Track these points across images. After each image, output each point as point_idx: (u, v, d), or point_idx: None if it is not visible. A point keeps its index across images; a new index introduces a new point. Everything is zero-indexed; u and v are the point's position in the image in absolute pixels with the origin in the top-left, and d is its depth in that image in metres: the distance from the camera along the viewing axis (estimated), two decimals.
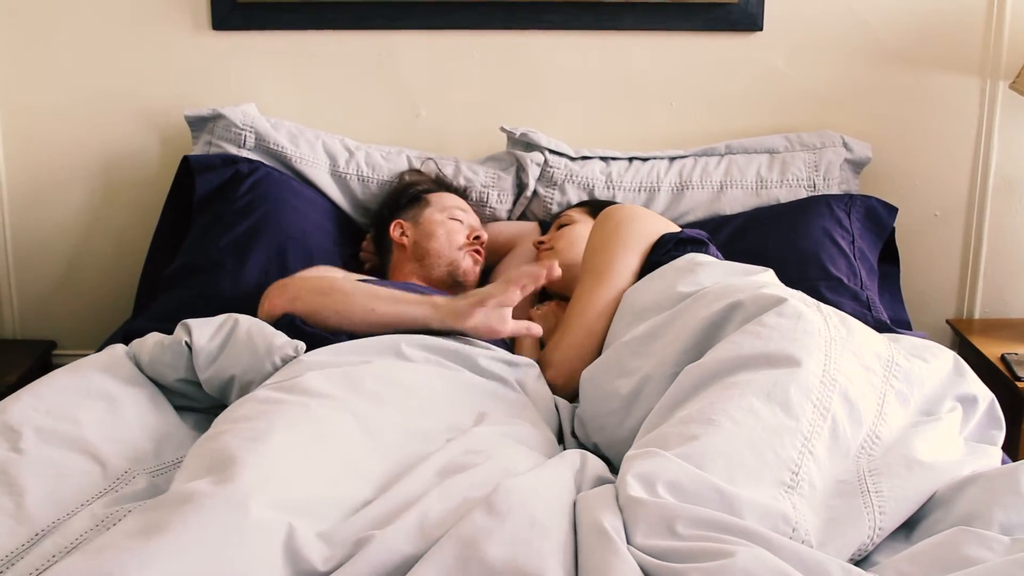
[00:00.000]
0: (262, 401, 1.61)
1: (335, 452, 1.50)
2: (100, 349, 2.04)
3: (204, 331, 1.91)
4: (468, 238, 2.37)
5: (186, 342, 1.89)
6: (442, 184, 2.52)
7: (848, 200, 2.54)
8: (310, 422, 1.54)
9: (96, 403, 1.79)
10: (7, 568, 1.35)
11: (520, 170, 2.59)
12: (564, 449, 1.86)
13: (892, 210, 2.55)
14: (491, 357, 1.94)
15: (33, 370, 2.59)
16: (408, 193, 2.47)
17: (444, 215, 2.39)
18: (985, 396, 1.76)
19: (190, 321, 1.94)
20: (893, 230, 2.57)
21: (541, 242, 2.39)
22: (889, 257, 2.61)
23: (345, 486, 1.44)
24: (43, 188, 2.78)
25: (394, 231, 2.40)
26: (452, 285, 2.33)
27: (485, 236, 2.42)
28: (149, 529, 1.22)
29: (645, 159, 2.65)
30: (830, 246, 2.44)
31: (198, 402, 1.94)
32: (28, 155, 2.76)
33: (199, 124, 2.61)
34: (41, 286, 2.84)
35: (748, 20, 2.68)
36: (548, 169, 2.58)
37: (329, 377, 1.70)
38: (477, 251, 2.38)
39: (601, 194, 2.58)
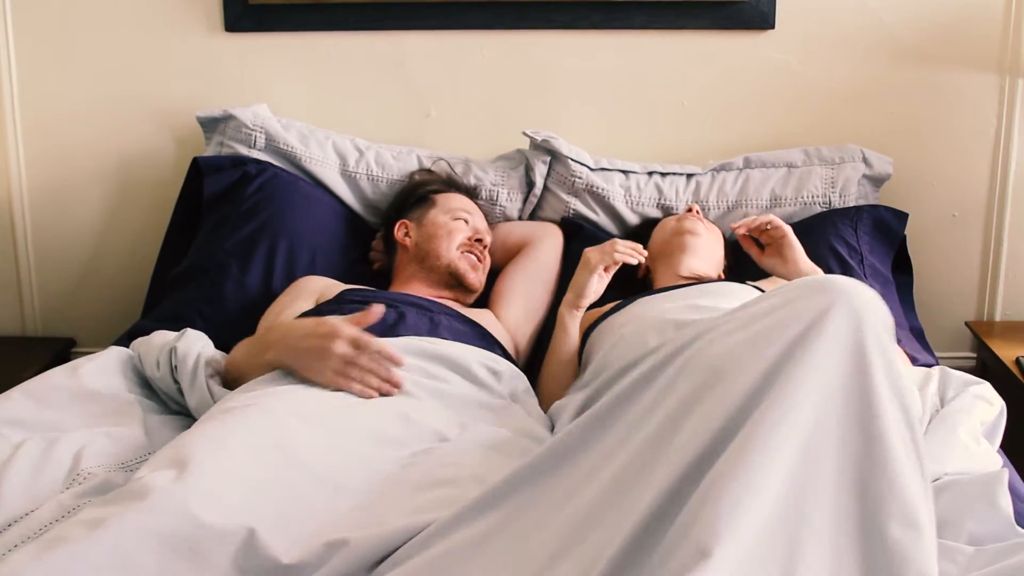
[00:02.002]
0: (236, 403, 1.64)
1: (296, 459, 1.51)
2: None
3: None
4: (469, 240, 2.36)
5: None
6: (452, 184, 2.52)
7: (854, 213, 2.49)
8: (273, 429, 1.55)
9: (86, 404, 1.83)
10: None
11: (529, 169, 2.59)
12: None
13: (902, 216, 2.51)
14: (483, 364, 1.94)
15: (51, 367, 2.60)
16: (416, 193, 2.47)
17: (448, 216, 2.38)
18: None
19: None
20: (904, 236, 2.53)
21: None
22: (902, 263, 2.57)
23: (308, 492, 1.46)
24: (62, 189, 2.82)
25: (398, 231, 2.41)
26: (454, 286, 2.33)
27: (488, 239, 2.41)
28: (98, 523, 1.24)
29: (664, 174, 2.62)
30: (836, 267, 2.39)
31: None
32: (47, 157, 2.80)
33: (211, 125, 2.64)
34: (61, 285, 2.89)
35: (760, 18, 2.65)
36: (570, 177, 2.56)
37: (302, 386, 1.71)
38: (478, 253, 2.37)
39: (622, 211, 2.56)
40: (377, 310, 1.81)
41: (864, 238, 2.45)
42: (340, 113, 2.75)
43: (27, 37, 2.74)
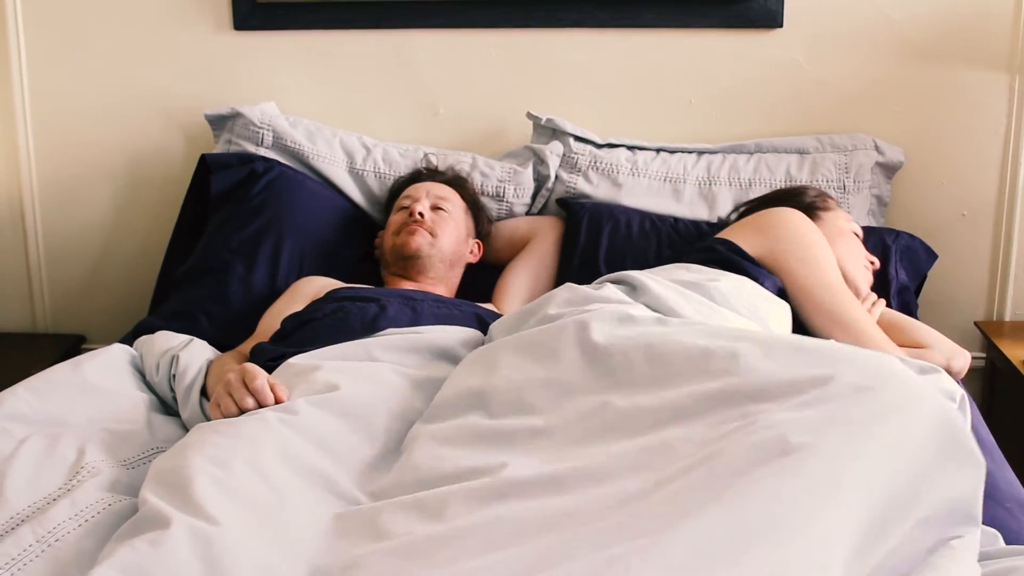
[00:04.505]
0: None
1: (301, 468, 1.52)
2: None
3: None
4: (403, 219, 2.35)
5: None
6: (412, 177, 2.52)
7: (894, 237, 2.48)
8: (274, 442, 1.54)
9: (90, 400, 1.85)
10: None
11: (538, 163, 2.59)
12: None
13: (931, 255, 2.52)
14: (467, 344, 1.94)
15: None
16: (392, 201, 2.50)
17: (394, 212, 2.41)
18: None
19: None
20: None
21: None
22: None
23: (314, 502, 1.47)
24: (72, 187, 2.85)
25: (377, 241, 2.48)
26: (408, 266, 2.31)
27: (420, 208, 2.34)
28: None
29: (672, 151, 2.64)
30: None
31: None
32: (58, 154, 2.83)
33: (219, 123, 2.65)
34: (70, 281, 2.91)
35: (768, 17, 2.64)
36: (572, 155, 2.59)
37: (299, 390, 1.72)
38: (411, 224, 2.32)
39: (625, 181, 2.56)
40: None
41: (895, 259, 2.46)
42: (348, 111, 2.76)
43: (37, 35, 2.76)
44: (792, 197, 2.30)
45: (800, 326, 2.06)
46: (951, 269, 2.73)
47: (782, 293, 2.06)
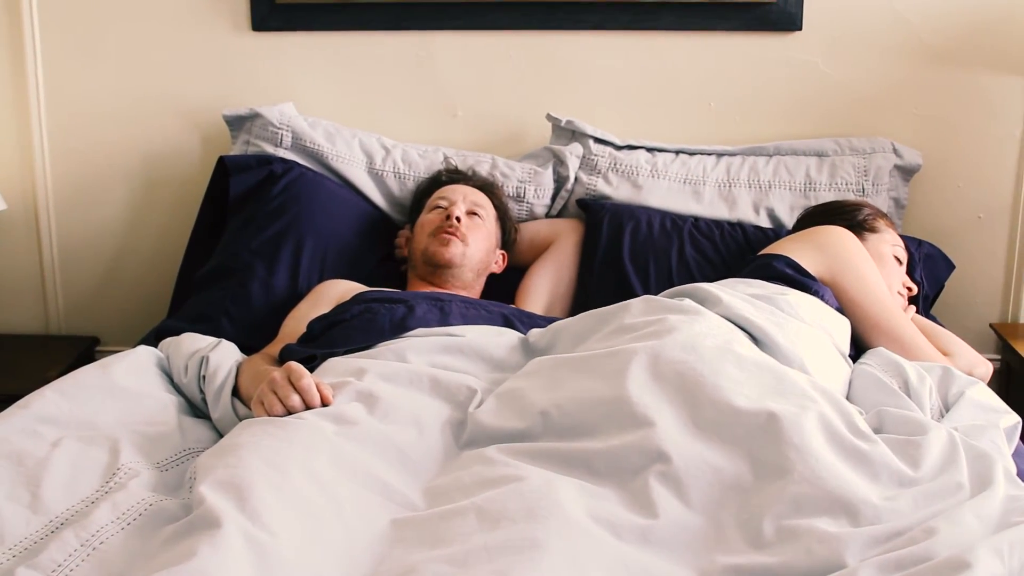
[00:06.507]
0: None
1: (356, 472, 1.52)
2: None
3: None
4: (439, 220, 2.35)
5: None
6: (436, 180, 2.51)
7: (916, 245, 2.50)
8: (329, 448, 1.54)
9: (119, 402, 1.83)
10: (26, 556, 1.38)
11: (558, 164, 2.60)
12: None
13: (950, 265, 2.55)
14: (503, 346, 1.93)
15: (75, 366, 2.60)
16: (416, 203, 2.51)
17: (427, 212, 2.40)
18: None
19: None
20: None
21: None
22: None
23: (370, 507, 1.47)
24: (87, 188, 2.83)
25: (400, 240, 2.49)
26: (437, 272, 2.31)
27: (458, 212, 2.35)
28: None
29: (692, 153, 2.65)
30: None
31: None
32: (73, 155, 2.81)
33: (237, 124, 2.64)
34: (85, 283, 2.90)
35: (787, 20, 2.65)
36: (592, 157, 2.59)
37: (344, 392, 1.72)
38: (447, 231, 2.32)
39: (644, 183, 2.57)
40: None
41: (919, 271, 2.48)
42: (366, 113, 2.75)
43: (53, 34, 2.74)
44: (846, 212, 2.32)
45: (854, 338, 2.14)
46: (967, 271, 2.74)
47: (838, 310, 2.12)
